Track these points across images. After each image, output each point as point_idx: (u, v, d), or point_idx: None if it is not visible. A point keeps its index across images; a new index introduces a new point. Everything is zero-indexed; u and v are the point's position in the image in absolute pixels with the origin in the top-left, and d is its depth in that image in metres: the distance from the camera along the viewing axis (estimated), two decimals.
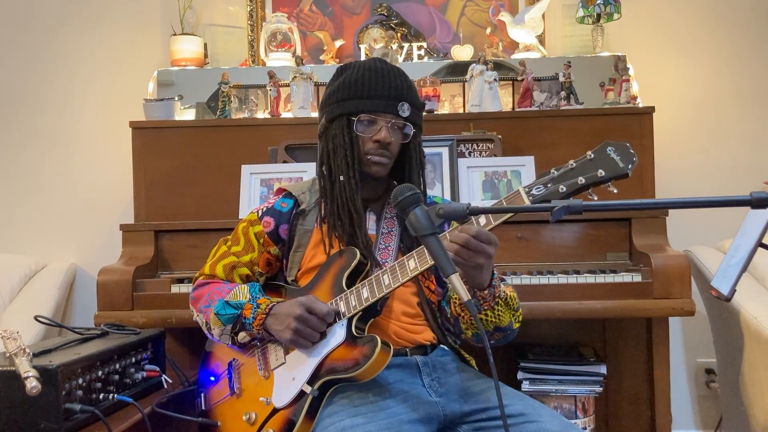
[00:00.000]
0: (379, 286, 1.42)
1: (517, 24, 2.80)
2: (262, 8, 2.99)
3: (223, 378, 1.65)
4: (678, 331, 2.86)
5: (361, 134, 1.55)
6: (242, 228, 1.66)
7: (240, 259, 1.63)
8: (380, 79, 1.55)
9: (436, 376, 1.50)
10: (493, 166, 2.37)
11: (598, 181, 1.28)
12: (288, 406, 1.46)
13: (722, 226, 2.52)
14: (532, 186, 1.32)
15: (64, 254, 2.96)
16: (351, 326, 1.44)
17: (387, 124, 1.55)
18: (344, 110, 1.56)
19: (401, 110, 1.55)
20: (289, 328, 1.43)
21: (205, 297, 1.58)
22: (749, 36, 2.89)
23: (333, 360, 1.43)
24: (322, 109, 1.64)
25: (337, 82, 1.60)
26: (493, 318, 1.47)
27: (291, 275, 1.63)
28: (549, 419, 1.37)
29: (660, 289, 2.04)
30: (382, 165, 1.57)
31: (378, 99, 1.54)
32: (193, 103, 2.78)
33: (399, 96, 1.55)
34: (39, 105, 3.02)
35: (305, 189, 1.68)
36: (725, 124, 2.89)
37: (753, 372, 2.12)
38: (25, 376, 1.30)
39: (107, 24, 3.01)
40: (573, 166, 1.30)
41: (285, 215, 1.64)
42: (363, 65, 1.58)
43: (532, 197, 1.31)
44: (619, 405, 2.45)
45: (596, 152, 1.30)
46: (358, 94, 1.55)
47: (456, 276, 1.20)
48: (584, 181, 1.28)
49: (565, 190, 1.29)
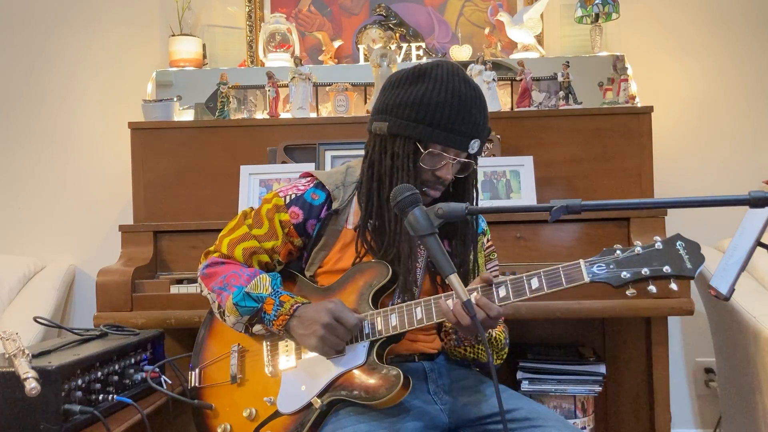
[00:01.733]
0: (410, 319, 1.38)
1: (515, 24, 2.81)
2: (261, 9, 2.99)
3: (224, 360, 1.58)
4: (677, 331, 2.86)
5: (425, 164, 1.44)
6: (266, 211, 1.54)
7: (262, 244, 1.53)
8: (462, 111, 1.41)
9: (441, 383, 1.50)
10: (492, 166, 2.37)
11: (662, 276, 1.23)
12: (293, 414, 1.44)
13: (721, 225, 2.52)
14: (594, 263, 1.27)
15: (63, 255, 2.95)
16: (372, 349, 1.40)
17: (453, 161, 1.45)
18: (415, 134, 1.42)
19: (471, 148, 1.45)
20: (315, 334, 1.37)
21: (221, 278, 1.49)
22: (747, 36, 2.89)
23: (348, 381, 1.40)
24: (385, 112, 1.47)
25: (413, 90, 1.44)
26: (472, 354, 1.52)
27: (310, 271, 1.56)
28: (555, 424, 1.36)
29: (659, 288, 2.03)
30: (432, 198, 1.48)
31: (454, 134, 1.42)
32: (191, 103, 2.78)
33: (474, 133, 1.44)
34: (38, 106, 3.02)
35: (339, 182, 1.55)
36: (724, 123, 2.89)
37: (752, 371, 2.12)
38: (24, 377, 1.30)
39: (106, 25, 3.01)
40: (639, 253, 1.25)
41: (316, 210, 1.53)
42: (447, 86, 1.42)
43: (593, 276, 1.26)
44: (619, 404, 2.45)
45: (666, 243, 1.25)
46: (435, 123, 1.41)
47: (455, 276, 1.20)
48: (648, 273, 1.23)
49: (627, 278, 1.24)
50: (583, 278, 1.27)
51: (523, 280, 1.31)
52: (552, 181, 2.45)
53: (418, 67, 1.47)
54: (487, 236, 1.67)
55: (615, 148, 2.46)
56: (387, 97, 1.48)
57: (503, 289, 1.32)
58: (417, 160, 1.44)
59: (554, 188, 2.45)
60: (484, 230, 1.66)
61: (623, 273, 1.24)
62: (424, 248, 1.25)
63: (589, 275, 1.27)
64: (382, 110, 1.48)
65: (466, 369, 1.58)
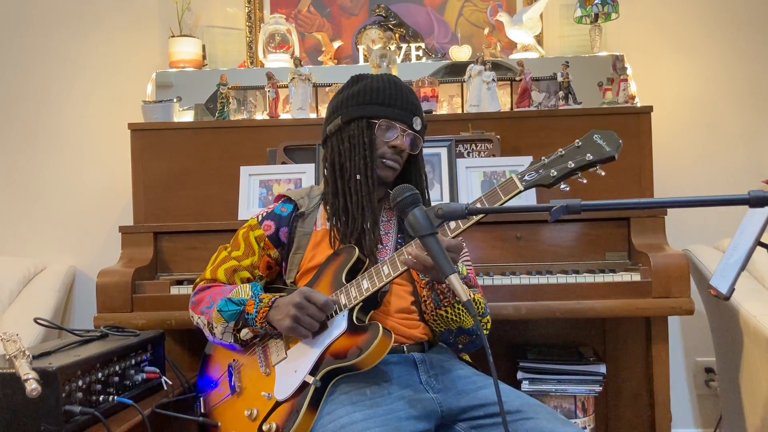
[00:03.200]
0: (379, 276, 1.47)
1: (515, 24, 2.81)
2: (260, 9, 2.99)
3: (223, 379, 1.66)
4: (677, 330, 2.86)
5: (379, 138, 1.64)
6: (242, 233, 1.72)
7: (241, 263, 1.68)
8: (399, 91, 1.66)
9: (433, 373, 1.52)
10: (491, 166, 2.37)
11: (586, 164, 1.32)
12: (290, 399, 1.47)
13: (721, 225, 2.53)
14: (525, 173, 1.37)
15: (63, 256, 2.96)
16: (352, 317, 1.48)
17: (403, 132, 1.65)
18: (365, 113, 1.65)
19: (414, 123, 1.67)
20: (288, 315, 1.46)
21: (207, 299, 1.62)
22: (746, 35, 2.89)
23: (335, 350, 1.46)
24: (335, 111, 1.70)
25: (355, 87, 1.68)
26: (454, 316, 1.55)
27: (290, 277, 1.67)
28: (545, 416, 1.38)
29: (659, 288, 2.04)
30: (393, 170, 1.67)
31: (398, 109, 1.65)
32: (191, 104, 2.78)
33: (413, 110, 1.67)
34: (37, 107, 3.02)
35: (304, 194, 1.75)
36: (723, 123, 2.89)
37: (752, 370, 2.13)
38: (24, 378, 1.30)
39: (105, 26, 3.01)
40: (562, 153, 1.36)
41: (285, 218, 1.71)
42: (382, 77, 1.69)
43: (525, 182, 1.36)
44: (619, 404, 2.45)
45: (583, 140, 1.35)
46: (380, 101, 1.65)
47: (455, 276, 1.21)
48: (573, 165, 1.33)
49: (556, 174, 1.34)
50: (517, 187, 1.37)
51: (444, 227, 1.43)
52: None
53: (353, 75, 1.74)
54: None
55: None
56: (334, 103, 1.72)
57: (453, 223, 1.43)
58: (372, 133, 1.64)
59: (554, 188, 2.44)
60: None
61: (551, 171, 1.34)
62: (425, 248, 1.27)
63: (522, 183, 1.37)
64: (332, 112, 1.71)
65: (457, 359, 1.63)
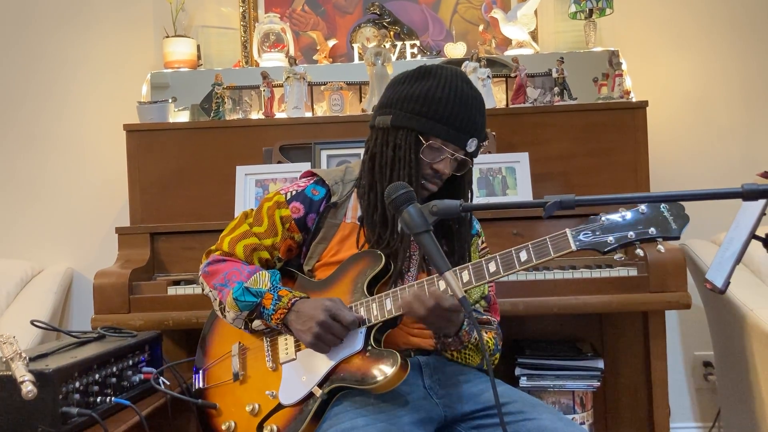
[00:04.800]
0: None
1: (509, 20, 2.81)
2: (255, 9, 2.99)
3: (226, 359, 1.61)
4: (675, 325, 2.86)
5: (425, 157, 1.49)
6: (267, 209, 1.58)
7: (262, 241, 1.57)
8: (464, 110, 1.48)
9: (437, 378, 1.50)
10: (487, 162, 2.37)
11: (647, 238, 1.24)
12: (294, 405, 1.45)
13: (717, 219, 2.52)
14: (581, 231, 1.27)
15: (60, 258, 2.95)
16: (370, 336, 1.42)
17: (451, 156, 1.50)
18: (417, 126, 1.48)
19: (469, 146, 1.50)
20: (310, 331, 1.39)
21: (222, 275, 1.52)
22: (742, 30, 2.89)
23: (347, 367, 1.41)
24: (389, 106, 1.52)
25: (417, 86, 1.50)
26: (460, 359, 1.52)
27: (309, 265, 1.59)
28: (547, 416, 1.37)
29: (656, 282, 2.04)
30: (429, 191, 1.53)
31: (454, 130, 1.47)
32: (186, 105, 2.78)
33: (473, 131, 1.50)
34: (32, 109, 3.01)
35: (338, 178, 1.60)
36: (718, 117, 2.89)
37: (750, 364, 2.13)
38: (21, 380, 1.30)
39: (100, 27, 3.00)
40: (625, 218, 1.26)
41: (316, 204, 1.57)
42: (450, 83, 1.49)
43: (579, 243, 1.26)
44: (618, 399, 2.45)
45: (650, 207, 1.26)
46: (437, 116, 1.47)
47: (450, 273, 1.21)
48: (634, 237, 1.24)
49: (613, 243, 1.24)
50: (570, 246, 1.27)
51: (512, 254, 1.33)
52: (548, 177, 2.45)
53: (424, 66, 1.53)
54: (482, 238, 1.70)
55: (610, 144, 2.47)
56: (391, 93, 1.54)
57: (493, 264, 1.34)
58: (418, 152, 1.48)
59: (550, 184, 2.45)
60: (479, 232, 1.69)
61: (609, 238, 1.25)
62: (419, 245, 1.26)
63: (576, 243, 1.27)
64: (386, 105, 1.54)
65: (461, 364, 1.58)
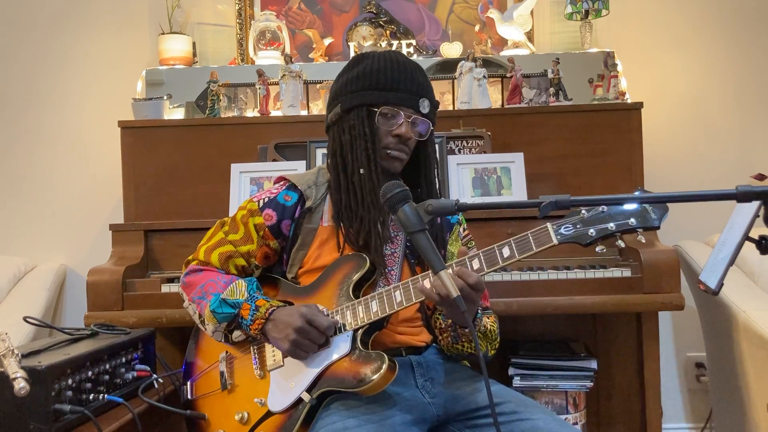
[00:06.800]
0: (390, 302, 1.39)
1: (505, 21, 2.81)
2: (251, 6, 2.98)
3: (214, 369, 1.61)
4: (668, 326, 2.87)
5: (381, 127, 1.50)
6: (241, 216, 1.58)
7: (237, 248, 1.56)
8: (403, 72, 1.50)
9: (429, 377, 1.50)
10: (482, 162, 2.37)
11: (628, 229, 1.24)
12: (284, 412, 1.44)
13: (711, 220, 2.53)
14: (561, 225, 1.28)
15: (53, 255, 2.94)
16: (356, 338, 1.42)
17: (408, 119, 1.51)
18: (365, 100, 1.50)
19: (422, 106, 1.52)
20: (287, 338, 1.39)
21: (199, 287, 1.52)
22: (736, 32, 2.90)
23: (335, 371, 1.41)
24: (335, 99, 1.56)
25: (355, 70, 1.53)
26: (469, 348, 1.51)
27: (292, 272, 1.59)
28: (541, 417, 1.37)
29: (649, 283, 2.05)
30: (400, 161, 1.53)
31: (401, 92, 1.49)
32: (182, 102, 2.77)
33: (420, 92, 1.52)
34: (27, 106, 3.00)
35: (311, 182, 1.60)
36: (713, 119, 2.90)
37: (742, 365, 2.14)
38: (13, 377, 1.29)
39: (95, 24, 2.99)
40: (605, 210, 1.27)
41: (289, 210, 1.57)
42: (384, 56, 1.53)
43: (560, 237, 1.27)
44: (610, 399, 2.46)
45: None
46: (380, 85, 1.49)
47: (445, 272, 1.21)
48: (615, 228, 1.25)
49: (594, 235, 1.25)
50: (551, 240, 1.28)
51: (495, 250, 1.33)
52: (543, 178, 2.45)
53: (356, 54, 1.60)
54: (463, 225, 1.69)
55: (605, 144, 2.47)
56: (334, 87, 1.59)
57: (476, 262, 1.34)
58: (373, 124, 1.50)
59: (545, 184, 2.45)
60: (459, 220, 1.68)
61: (590, 230, 1.26)
62: (414, 245, 1.26)
63: (557, 237, 1.28)
64: (332, 99, 1.58)
65: (454, 362, 1.58)
